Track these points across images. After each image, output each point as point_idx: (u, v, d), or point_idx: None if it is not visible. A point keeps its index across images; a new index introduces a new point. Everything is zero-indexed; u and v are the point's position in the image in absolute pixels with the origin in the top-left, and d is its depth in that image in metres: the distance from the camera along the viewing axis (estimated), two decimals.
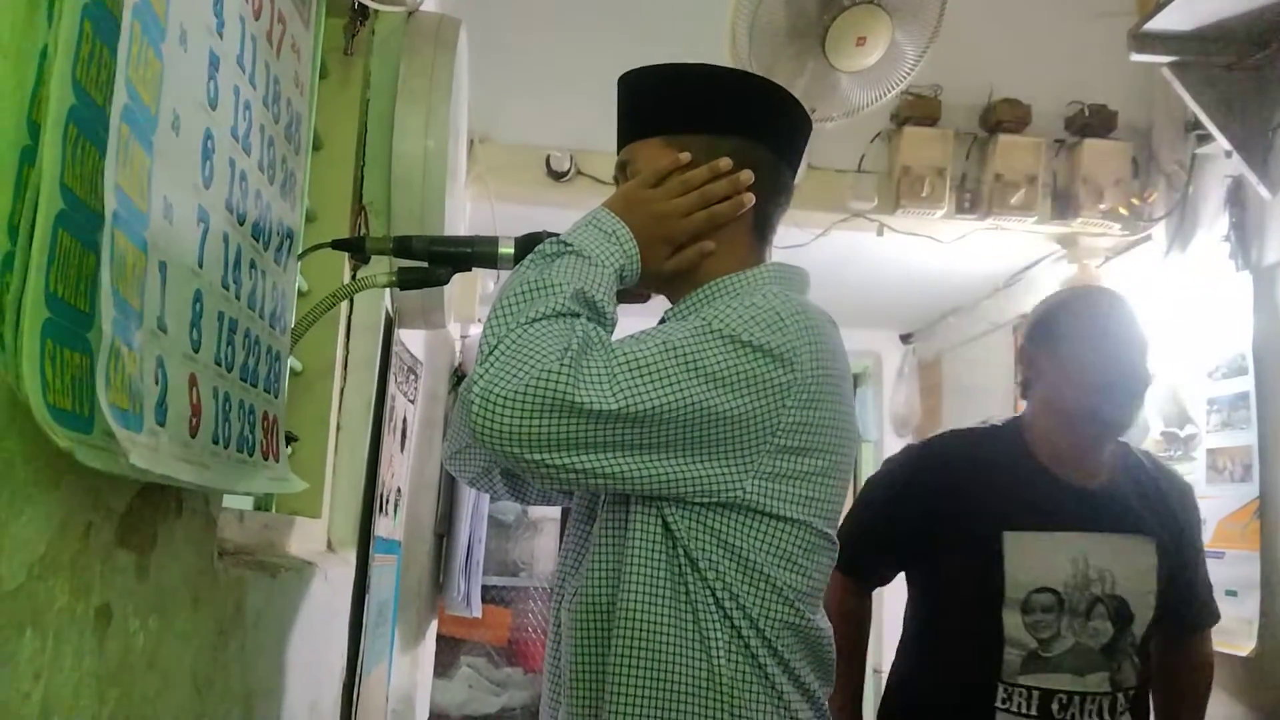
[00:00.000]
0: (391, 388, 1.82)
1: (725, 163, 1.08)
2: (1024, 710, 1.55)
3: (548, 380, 0.89)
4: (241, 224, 0.96)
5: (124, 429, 0.63)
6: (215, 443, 0.89)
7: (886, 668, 1.79)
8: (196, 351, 0.84)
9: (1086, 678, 1.55)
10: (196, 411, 0.83)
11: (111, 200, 0.61)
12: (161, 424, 0.74)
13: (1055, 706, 1.54)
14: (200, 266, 0.85)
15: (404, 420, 2.01)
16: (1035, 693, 1.55)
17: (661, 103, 1.14)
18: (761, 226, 1.14)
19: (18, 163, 0.55)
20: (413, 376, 2.08)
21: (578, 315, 0.96)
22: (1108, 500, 1.61)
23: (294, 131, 1.13)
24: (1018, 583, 1.57)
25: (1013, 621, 1.57)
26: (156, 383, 0.73)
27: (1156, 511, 1.64)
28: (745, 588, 0.98)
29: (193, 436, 0.82)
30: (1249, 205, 2.28)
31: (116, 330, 0.62)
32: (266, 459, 1.07)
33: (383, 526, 1.83)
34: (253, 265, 1.00)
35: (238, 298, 0.96)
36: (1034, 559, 1.58)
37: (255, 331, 1.02)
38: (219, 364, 0.90)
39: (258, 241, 1.02)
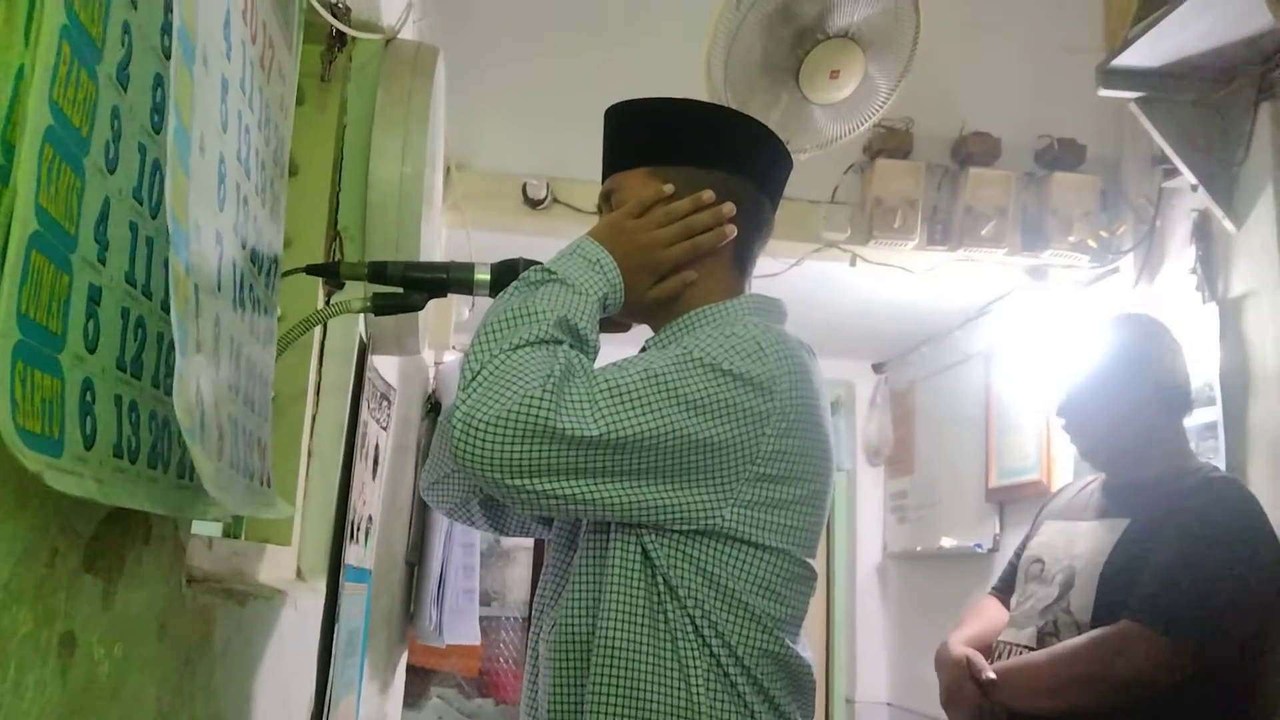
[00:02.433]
0: (364, 414, 1.80)
1: (708, 195, 1.10)
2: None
3: (530, 406, 0.89)
4: (244, 248, 0.96)
5: (198, 448, 0.64)
6: (232, 467, 0.88)
7: (860, 696, 1.83)
8: (217, 374, 0.83)
9: (1021, 630, 1.80)
10: (222, 434, 0.82)
11: (174, 224, 0.62)
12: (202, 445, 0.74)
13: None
14: (219, 290, 0.84)
15: (376, 447, 1.99)
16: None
17: (648, 135, 1.15)
18: (742, 258, 1.15)
19: None
20: (386, 403, 2.06)
21: (561, 342, 0.96)
22: (1113, 493, 1.83)
23: (280, 156, 1.13)
24: (1027, 555, 1.91)
25: (1020, 589, 1.89)
26: (197, 405, 0.73)
27: (1144, 503, 1.74)
28: (724, 616, 0.98)
29: (219, 459, 0.81)
30: (1215, 238, 2.32)
31: (179, 353, 0.62)
32: (263, 485, 1.06)
33: (353, 555, 1.80)
34: (251, 289, 1.00)
35: (242, 321, 0.95)
36: (1045, 537, 1.91)
37: (254, 357, 1.01)
38: (231, 389, 0.89)
39: (254, 265, 1.01)
